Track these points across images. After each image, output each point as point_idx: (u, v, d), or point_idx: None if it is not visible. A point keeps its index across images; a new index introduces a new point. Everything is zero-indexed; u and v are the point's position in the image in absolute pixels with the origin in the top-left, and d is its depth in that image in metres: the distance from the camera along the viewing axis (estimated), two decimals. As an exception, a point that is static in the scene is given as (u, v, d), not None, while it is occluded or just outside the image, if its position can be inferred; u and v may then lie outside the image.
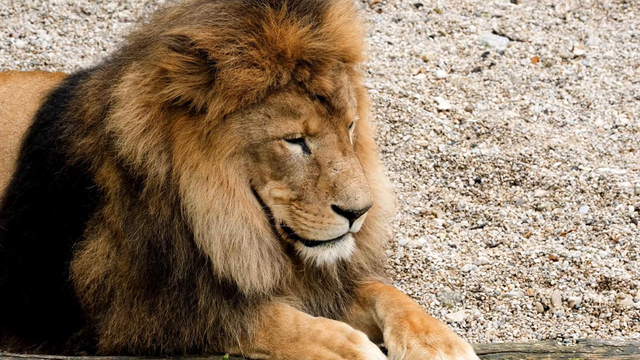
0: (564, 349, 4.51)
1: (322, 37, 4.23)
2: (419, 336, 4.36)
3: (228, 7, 4.22)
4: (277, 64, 4.18)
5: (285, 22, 4.19)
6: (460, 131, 6.92)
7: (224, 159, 4.24)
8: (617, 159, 6.70)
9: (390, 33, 8.28)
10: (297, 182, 4.25)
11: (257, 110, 4.21)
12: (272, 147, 4.24)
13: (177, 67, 4.18)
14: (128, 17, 8.31)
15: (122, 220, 4.41)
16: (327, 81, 4.25)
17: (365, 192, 4.21)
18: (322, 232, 4.27)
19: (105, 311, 4.49)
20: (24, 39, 7.89)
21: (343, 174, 4.21)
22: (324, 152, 4.25)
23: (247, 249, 4.28)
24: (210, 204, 4.24)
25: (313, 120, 4.22)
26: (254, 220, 4.29)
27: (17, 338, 4.73)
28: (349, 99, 4.31)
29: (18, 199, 4.72)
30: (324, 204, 4.22)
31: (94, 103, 4.55)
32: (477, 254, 5.80)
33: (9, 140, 5.21)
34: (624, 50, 8.05)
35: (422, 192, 6.40)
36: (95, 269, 4.49)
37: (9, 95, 5.47)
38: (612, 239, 5.82)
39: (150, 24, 4.51)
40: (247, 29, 4.17)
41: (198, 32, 4.17)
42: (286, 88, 4.21)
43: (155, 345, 4.41)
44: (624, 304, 5.29)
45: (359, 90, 4.51)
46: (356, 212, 4.22)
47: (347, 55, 4.35)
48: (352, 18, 4.38)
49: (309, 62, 4.22)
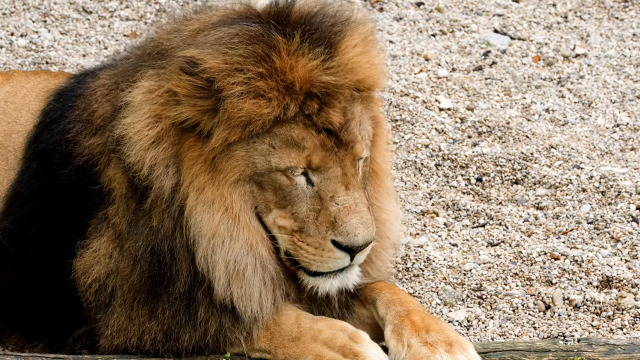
0: (565, 348, 4.52)
1: (334, 70, 4.18)
2: (419, 335, 4.36)
3: (242, 34, 4.18)
4: (285, 96, 4.14)
5: (297, 53, 4.14)
6: (462, 130, 6.92)
7: (228, 185, 4.22)
8: (619, 157, 6.70)
9: (392, 32, 8.28)
10: (300, 214, 4.23)
11: (262, 140, 4.18)
12: (276, 177, 4.21)
13: (186, 90, 4.16)
14: (129, 15, 8.31)
15: (126, 222, 4.41)
16: (335, 114, 4.19)
17: (366, 228, 4.17)
18: (323, 264, 4.25)
19: (105, 311, 4.49)
20: (26, 38, 7.89)
21: (344, 209, 4.17)
22: (326, 185, 4.21)
23: (251, 276, 4.27)
24: (216, 228, 4.22)
25: (316, 154, 4.18)
26: (258, 248, 4.28)
27: (19, 336, 4.73)
28: (359, 131, 4.25)
29: (24, 197, 4.72)
30: (324, 238, 4.20)
31: (103, 104, 4.54)
32: (478, 252, 5.80)
33: (13, 139, 5.21)
34: (626, 49, 8.04)
35: (424, 191, 6.40)
36: (97, 268, 4.49)
37: (13, 94, 5.47)
38: (613, 237, 5.82)
39: (171, 31, 4.48)
40: (257, 58, 4.13)
41: (208, 59, 4.13)
42: (293, 120, 4.16)
43: (154, 348, 4.42)
44: (625, 303, 5.29)
45: (376, 117, 4.45)
46: (355, 247, 4.19)
47: (361, 86, 4.29)
48: (368, 48, 4.32)
49: (319, 95, 4.17)
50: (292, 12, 4.30)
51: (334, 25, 4.28)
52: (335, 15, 4.35)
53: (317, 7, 4.36)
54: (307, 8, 4.34)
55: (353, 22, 4.35)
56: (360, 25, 4.36)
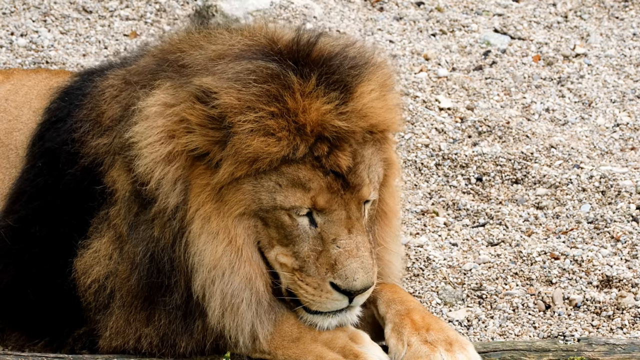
0: (565, 348, 4.51)
1: (347, 115, 4.16)
2: (419, 334, 4.36)
3: (259, 70, 4.17)
4: (295, 136, 4.12)
5: (311, 95, 4.13)
6: (462, 129, 6.92)
7: (233, 217, 4.22)
8: (619, 157, 6.70)
9: (392, 31, 8.27)
10: (301, 253, 4.22)
11: (269, 177, 4.17)
12: (280, 215, 4.20)
13: (199, 119, 4.15)
14: (130, 15, 8.31)
15: (127, 225, 4.40)
16: (344, 158, 4.17)
17: (365, 273, 4.16)
18: (322, 305, 4.24)
19: (104, 312, 4.50)
20: (26, 37, 7.89)
21: (345, 252, 4.16)
22: (329, 227, 4.19)
23: (245, 311, 4.27)
24: (218, 260, 4.22)
25: (322, 196, 4.17)
26: (257, 282, 4.27)
27: (19, 334, 4.73)
28: (367, 175, 4.24)
29: (29, 195, 4.71)
30: (324, 279, 4.19)
31: (112, 105, 4.53)
32: (478, 252, 5.80)
33: (14, 137, 5.20)
34: (626, 49, 8.04)
35: (424, 190, 6.40)
36: (97, 269, 4.49)
37: (13, 92, 5.47)
38: (613, 237, 5.82)
39: (195, 46, 4.47)
40: (270, 98, 4.12)
41: (222, 93, 4.13)
42: (301, 160, 4.15)
43: (152, 352, 4.42)
44: (625, 303, 5.30)
45: (388, 159, 4.42)
46: (354, 292, 4.19)
47: (375, 129, 4.27)
48: (385, 92, 4.30)
49: (330, 138, 4.15)
50: (313, 51, 4.26)
51: (353, 68, 4.25)
52: (355, 57, 4.32)
53: (338, 47, 4.33)
54: (328, 48, 4.31)
55: (372, 66, 4.32)
56: (379, 69, 4.34)
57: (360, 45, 4.45)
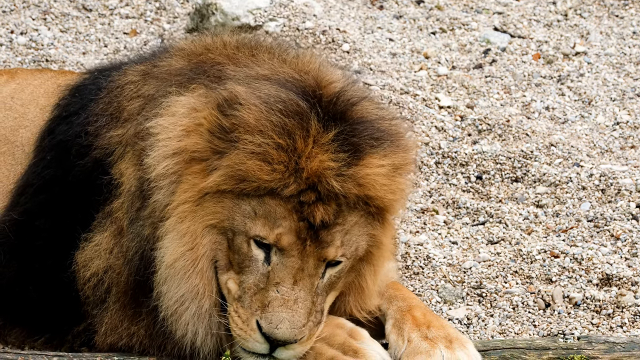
0: (565, 346, 4.52)
1: (344, 178, 4.16)
2: (420, 330, 4.37)
3: (289, 103, 4.18)
4: (291, 175, 4.14)
5: (322, 147, 4.14)
6: (462, 128, 6.92)
7: (204, 226, 4.23)
8: (619, 155, 6.70)
9: (392, 30, 8.27)
10: (245, 284, 4.20)
11: (250, 202, 4.18)
12: (242, 242, 4.20)
13: (210, 125, 4.18)
14: (129, 13, 8.31)
15: (127, 220, 4.41)
16: (323, 213, 4.16)
17: (291, 327, 4.11)
18: (245, 342, 4.20)
19: (101, 307, 4.50)
20: (26, 36, 7.89)
21: (281, 299, 4.13)
22: (279, 270, 4.17)
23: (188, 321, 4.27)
24: (174, 261, 4.23)
25: (287, 236, 4.15)
26: (203, 298, 4.26)
27: (20, 330, 4.74)
28: (341, 238, 4.22)
29: (36, 187, 4.72)
30: (252, 314, 4.17)
31: (133, 100, 4.54)
32: (478, 250, 5.80)
33: (20, 134, 5.22)
34: (626, 47, 8.04)
35: (424, 188, 6.40)
36: (97, 262, 4.49)
37: (19, 91, 5.48)
38: (613, 235, 5.83)
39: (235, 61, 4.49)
40: (284, 131, 4.13)
41: (245, 109, 4.15)
42: (286, 199, 4.15)
43: (143, 351, 4.43)
44: (625, 301, 5.30)
45: (378, 239, 4.38)
46: (273, 339, 4.15)
47: (370, 202, 4.25)
48: (395, 174, 4.28)
49: (321, 191, 4.15)
50: (349, 110, 4.27)
51: (376, 139, 4.24)
52: (384, 130, 4.31)
53: (374, 116, 4.33)
54: (364, 112, 4.31)
55: (394, 145, 4.31)
56: (401, 150, 4.32)
57: (398, 122, 4.45)
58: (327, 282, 4.27)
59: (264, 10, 7.88)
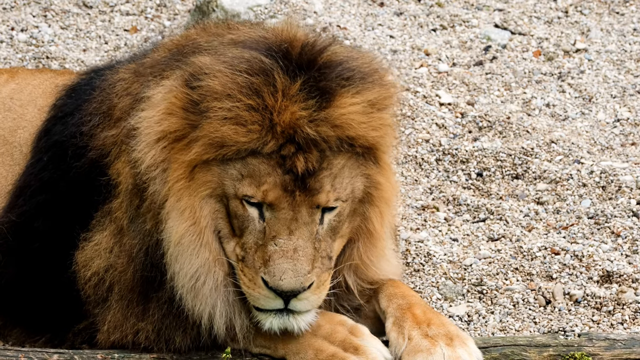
0: (565, 343, 4.52)
1: (317, 123, 4.16)
2: (420, 328, 4.36)
3: (253, 61, 4.20)
4: (267, 132, 4.15)
5: (292, 98, 4.15)
6: (462, 125, 6.92)
7: (200, 198, 4.25)
8: (619, 152, 6.70)
9: (392, 27, 8.27)
10: (247, 244, 4.22)
11: (234, 166, 4.20)
12: (237, 204, 4.22)
13: (182, 102, 4.21)
14: (130, 10, 8.31)
15: (127, 218, 4.42)
16: (303, 162, 4.16)
17: (295, 276, 4.13)
18: (257, 300, 4.23)
19: (103, 306, 4.51)
20: (26, 33, 7.89)
21: (280, 251, 4.14)
22: (273, 224, 4.18)
23: (207, 295, 4.27)
24: (181, 237, 4.25)
25: (273, 192, 4.16)
26: (216, 269, 4.28)
27: (20, 330, 4.74)
28: (331, 183, 4.22)
29: (33, 189, 4.72)
30: (257, 272, 4.18)
31: (123, 97, 4.55)
32: (479, 247, 5.81)
33: (18, 135, 5.22)
34: (626, 44, 8.04)
35: (424, 185, 6.40)
36: (97, 262, 4.50)
37: (18, 91, 5.48)
38: (614, 232, 5.83)
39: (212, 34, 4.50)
40: (251, 91, 4.15)
41: (210, 77, 4.18)
42: (268, 155, 4.17)
43: (149, 346, 4.43)
44: (625, 298, 5.30)
45: (375, 179, 4.37)
46: (280, 292, 4.16)
47: (355, 143, 4.25)
48: (373, 110, 4.26)
49: (299, 141, 4.16)
50: (319, 56, 4.26)
51: (346, 79, 4.24)
52: (355, 69, 4.30)
53: (343, 57, 4.31)
54: (333, 56, 4.29)
55: (368, 82, 4.30)
56: (376, 86, 4.31)
57: (371, 60, 4.43)
58: (328, 228, 4.27)
59: (264, 7, 7.88)
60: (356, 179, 4.31)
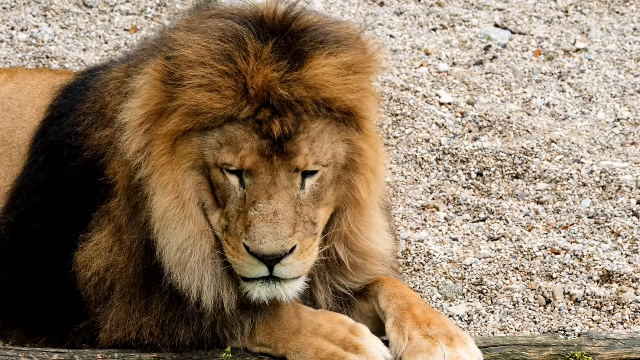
0: (566, 343, 4.52)
1: (290, 84, 4.16)
2: (420, 328, 4.36)
3: (227, 29, 4.22)
4: (242, 98, 4.15)
5: (264, 62, 4.15)
6: (463, 124, 6.92)
7: (182, 171, 4.25)
8: (619, 152, 6.70)
9: (393, 26, 8.27)
10: (230, 213, 4.23)
11: (213, 135, 4.20)
12: (217, 174, 4.23)
13: (160, 75, 4.23)
14: (130, 10, 8.31)
15: (126, 216, 4.42)
16: (278, 126, 4.16)
17: (275, 239, 4.11)
18: (241, 269, 4.22)
19: (105, 305, 4.51)
20: (26, 32, 7.89)
21: (260, 215, 4.13)
22: (253, 190, 4.18)
23: (195, 267, 4.27)
24: (165, 211, 4.25)
25: (250, 157, 4.16)
26: (202, 242, 4.28)
27: (20, 330, 4.74)
28: (310, 147, 4.21)
29: (30, 190, 4.73)
30: (239, 240, 4.18)
31: (115, 96, 4.55)
32: (479, 247, 5.81)
33: (17, 136, 5.23)
34: (626, 44, 8.04)
35: (424, 185, 6.40)
36: (97, 262, 4.50)
37: (17, 91, 5.49)
38: (614, 232, 5.83)
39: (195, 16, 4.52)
40: (224, 57, 4.16)
41: (185, 47, 4.20)
42: (244, 121, 4.17)
43: (153, 342, 4.42)
44: (626, 298, 5.30)
45: (358, 147, 4.34)
46: (261, 256, 4.14)
47: (332, 106, 4.24)
48: (349, 72, 4.24)
49: (274, 105, 4.16)
50: (293, 22, 4.27)
51: (320, 42, 4.24)
52: (329, 33, 4.29)
53: (317, 22, 4.31)
54: (310, 21, 4.30)
55: (343, 45, 4.28)
56: (352, 49, 4.28)
57: (349, 27, 4.42)
58: (311, 193, 4.26)
59: (264, 7, 7.88)
60: (338, 144, 4.30)
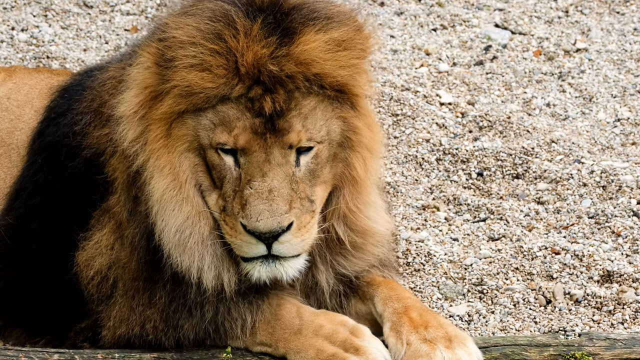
0: (566, 343, 4.52)
1: (279, 60, 4.16)
2: (418, 332, 4.35)
3: (217, 9, 4.23)
4: (234, 76, 4.16)
5: (254, 39, 4.16)
6: (463, 124, 6.92)
7: (178, 153, 4.26)
8: (620, 152, 6.70)
9: (393, 26, 8.27)
10: (226, 193, 4.24)
11: (206, 115, 4.22)
12: (213, 154, 4.24)
13: (154, 57, 4.23)
14: (130, 10, 8.31)
15: (126, 211, 4.43)
16: (270, 102, 4.17)
17: (271, 216, 4.12)
18: (240, 248, 4.23)
19: (107, 302, 4.51)
20: (27, 32, 7.89)
21: (256, 193, 4.14)
22: (247, 169, 4.19)
23: (194, 248, 4.28)
24: (162, 193, 4.26)
25: (243, 135, 4.17)
26: (200, 223, 4.29)
27: (20, 331, 4.74)
28: (302, 123, 4.21)
29: (29, 191, 4.73)
30: (236, 219, 4.19)
31: (114, 94, 4.56)
32: (479, 247, 5.81)
33: (16, 137, 5.23)
34: (627, 44, 8.04)
35: (425, 185, 6.40)
36: (99, 260, 4.50)
37: (16, 91, 5.49)
38: (614, 232, 5.83)
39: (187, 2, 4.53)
40: (214, 36, 4.17)
41: (176, 28, 4.22)
42: (237, 100, 4.18)
43: (157, 337, 4.42)
44: (626, 298, 5.30)
45: (353, 124, 4.35)
46: (258, 233, 4.15)
47: (324, 83, 4.24)
48: (339, 49, 4.24)
49: (266, 82, 4.17)
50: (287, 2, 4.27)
51: (311, 19, 4.25)
52: (320, 10, 4.30)
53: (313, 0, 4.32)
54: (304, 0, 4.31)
55: (335, 22, 4.28)
56: (343, 25, 4.29)
57: (341, 6, 4.42)
58: (306, 170, 4.27)
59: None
60: (332, 121, 4.31)
